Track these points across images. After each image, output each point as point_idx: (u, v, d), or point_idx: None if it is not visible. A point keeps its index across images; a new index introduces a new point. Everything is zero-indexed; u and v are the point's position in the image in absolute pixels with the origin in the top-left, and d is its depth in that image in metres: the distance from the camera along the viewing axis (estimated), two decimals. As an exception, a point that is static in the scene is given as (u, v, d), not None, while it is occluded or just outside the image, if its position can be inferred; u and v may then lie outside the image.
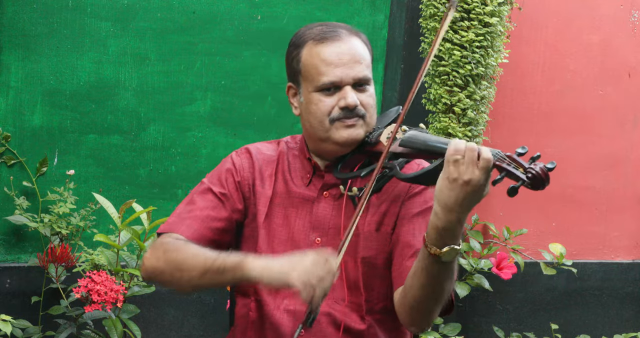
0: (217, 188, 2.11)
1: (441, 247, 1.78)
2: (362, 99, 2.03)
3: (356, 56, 2.02)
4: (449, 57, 3.59)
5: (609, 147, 4.39)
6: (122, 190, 3.61)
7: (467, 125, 3.66)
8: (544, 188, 1.67)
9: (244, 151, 2.17)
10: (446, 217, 1.75)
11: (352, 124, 2.02)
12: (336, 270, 1.80)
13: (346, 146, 2.04)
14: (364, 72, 2.03)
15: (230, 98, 3.73)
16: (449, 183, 1.73)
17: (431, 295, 1.87)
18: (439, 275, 1.83)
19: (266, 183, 2.12)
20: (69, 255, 3.23)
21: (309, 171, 2.12)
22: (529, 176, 1.66)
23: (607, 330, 4.47)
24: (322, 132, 2.04)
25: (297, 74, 2.07)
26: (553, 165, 1.67)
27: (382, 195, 2.06)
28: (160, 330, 3.69)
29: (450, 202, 1.73)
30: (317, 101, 2.03)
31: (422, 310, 1.92)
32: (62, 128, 3.53)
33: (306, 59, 2.04)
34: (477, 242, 4.02)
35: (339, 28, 2.06)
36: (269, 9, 3.75)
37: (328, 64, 2.01)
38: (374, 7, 3.92)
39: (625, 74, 4.38)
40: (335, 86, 2.01)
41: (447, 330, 3.94)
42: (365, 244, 2.05)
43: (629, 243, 4.50)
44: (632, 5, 4.32)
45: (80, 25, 3.51)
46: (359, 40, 2.06)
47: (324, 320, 2.04)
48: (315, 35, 2.04)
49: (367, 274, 2.05)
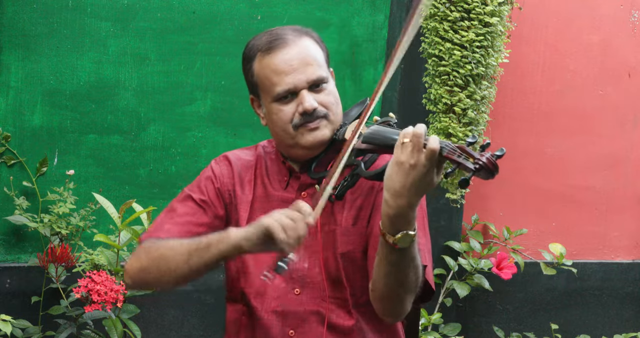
0: (197, 196, 2.12)
1: (394, 233, 1.79)
2: (320, 99, 2.02)
3: (306, 58, 2.01)
4: (449, 57, 3.59)
5: (609, 147, 4.39)
6: (122, 190, 3.61)
7: (467, 125, 3.66)
8: (493, 177, 1.66)
9: (222, 159, 2.19)
10: (396, 202, 1.75)
11: (315, 126, 2.02)
12: (311, 216, 1.79)
13: (314, 149, 2.05)
14: (316, 73, 2.01)
15: (230, 98, 3.73)
16: (397, 167, 1.74)
17: (396, 283, 1.88)
18: (398, 263, 1.84)
19: (246, 189, 2.14)
20: (69, 255, 3.23)
21: (286, 174, 2.13)
22: (477, 167, 1.65)
23: (607, 330, 4.47)
24: (288, 139, 2.05)
25: (255, 87, 2.08)
26: (502, 152, 1.67)
27: (357, 190, 2.08)
28: (160, 330, 3.69)
29: (398, 187, 1.73)
30: (277, 111, 2.03)
31: (392, 298, 1.93)
32: (62, 128, 3.52)
33: (258, 71, 2.05)
34: (477, 242, 4.02)
35: (285, 32, 2.04)
36: (269, 9, 3.75)
37: (279, 73, 2.00)
38: (374, 7, 3.92)
39: (625, 74, 4.38)
40: (292, 93, 2.01)
41: (447, 330, 3.94)
42: (343, 239, 2.06)
43: (629, 243, 4.51)
44: (632, 5, 4.32)
45: (80, 25, 3.51)
46: (308, 40, 2.05)
47: (313, 319, 2.06)
48: (262, 46, 2.04)
49: (347, 269, 2.06)
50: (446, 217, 4.01)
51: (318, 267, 2.07)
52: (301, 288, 2.07)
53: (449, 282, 3.94)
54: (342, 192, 1.98)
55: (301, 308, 2.06)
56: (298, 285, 2.07)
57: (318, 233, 2.06)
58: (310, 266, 2.07)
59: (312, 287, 2.07)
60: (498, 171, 1.66)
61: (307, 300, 2.07)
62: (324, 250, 2.06)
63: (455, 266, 3.91)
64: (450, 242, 4.00)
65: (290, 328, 2.06)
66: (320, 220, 2.05)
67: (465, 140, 3.64)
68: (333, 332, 2.06)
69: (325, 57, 2.08)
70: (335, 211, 2.08)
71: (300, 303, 2.06)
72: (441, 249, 3.99)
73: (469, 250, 4.00)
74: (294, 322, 2.06)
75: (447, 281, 3.95)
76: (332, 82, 2.09)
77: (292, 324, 2.06)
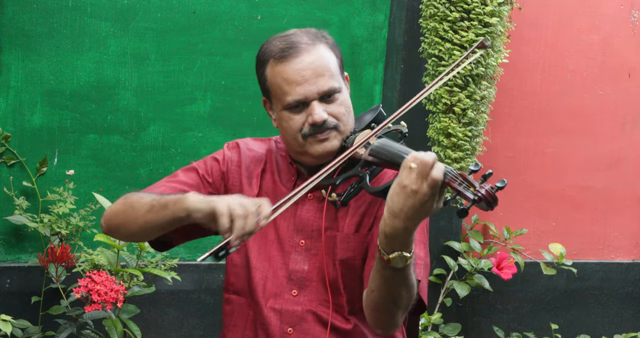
0: (202, 171, 2.14)
1: (389, 252, 1.77)
2: (331, 110, 2.01)
3: (318, 69, 1.99)
4: (449, 57, 3.59)
5: (609, 147, 4.39)
6: (122, 190, 3.60)
7: (467, 125, 3.66)
8: (492, 209, 1.65)
9: (234, 145, 2.20)
10: (392, 222, 1.73)
11: (324, 138, 2.01)
12: (267, 218, 1.77)
13: (323, 158, 2.04)
14: (328, 84, 1.99)
15: (230, 98, 3.73)
16: (399, 188, 1.72)
17: (388, 298, 1.87)
18: (392, 280, 1.83)
19: (253, 181, 2.14)
20: (69, 255, 3.23)
21: (294, 174, 2.13)
22: (476, 199, 1.64)
23: (607, 330, 4.47)
24: (297, 147, 2.05)
25: (267, 91, 2.08)
26: (503, 184, 1.65)
27: (362, 197, 2.07)
28: (160, 330, 3.69)
29: (396, 208, 1.72)
30: (287, 119, 2.02)
31: (382, 311, 1.92)
32: (62, 128, 3.52)
33: (270, 78, 2.04)
34: (477, 242, 4.02)
35: (299, 39, 2.02)
36: (269, 9, 3.75)
37: (290, 83, 1.99)
38: (374, 7, 3.92)
39: (625, 74, 4.38)
40: (302, 103, 2.00)
41: (447, 330, 3.94)
42: (343, 246, 2.06)
43: (629, 243, 4.50)
44: (632, 5, 4.32)
45: (80, 25, 3.51)
46: (322, 47, 2.02)
47: (311, 319, 2.06)
48: (275, 54, 2.02)
49: (346, 276, 2.06)
50: (446, 217, 4.01)
51: (318, 270, 2.06)
52: (299, 290, 2.07)
53: (449, 282, 3.95)
54: (347, 199, 1.97)
55: (298, 307, 2.06)
56: (296, 286, 2.07)
57: (322, 236, 2.06)
58: (309, 269, 2.06)
59: (310, 290, 2.06)
60: (497, 204, 1.65)
61: (304, 301, 2.06)
62: (324, 255, 2.05)
63: (455, 266, 3.91)
64: (450, 242, 4.00)
65: (288, 326, 2.06)
66: (324, 224, 2.05)
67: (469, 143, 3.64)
68: (334, 333, 2.06)
69: (339, 63, 2.05)
70: (338, 216, 2.07)
71: (297, 303, 2.06)
72: (441, 249, 3.99)
73: (469, 250, 4.00)
74: (292, 321, 2.06)
75: (447, 281, 3.95)
76: (346, 89, 2.07)
77: (291, 322, 2.06)
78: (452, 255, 3.98)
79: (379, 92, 3.95)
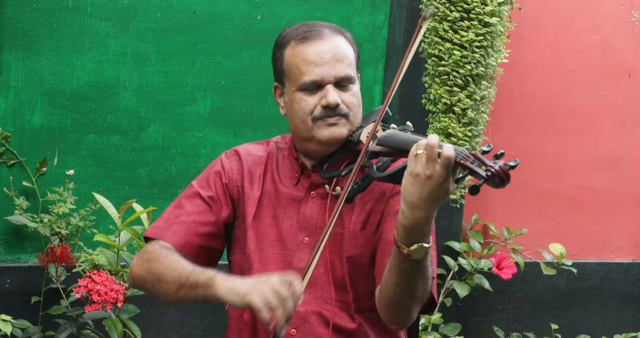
0: (205, 192, 2.12)
1: (409, 245, 1.78)
2: (344, 98, 2.03)
3: (338, 55, 2.03)
4: (449, 57, 3.59)
5: (609, 147, 4.39)
6: (122, 190, 3.61)
7: (467, 125, 3.66)
8: (504, 186, 1.64)
9: (233, 153, 2.18)
10: (412, 214, 1.75)
11: (334, 122, 2.02)
12: (300, 294, 1.76)
13: (329, 145, 2.05)
14: (345, 71, 2.03)
15: (230, 98, 3.74)
16: (412, 178, 1.73)
17: (405, 293, 1.88)
18: (411, 273, 1.83)
19: (255, 185, 2.13)
20: (69, 255, 3.23)
21: (297, 171, 2.13)
22: (489, 174, 1.63)
23: (607, 330, 4.47)
24: (305, 131, 2.05)
25: (281, 74, 2.09)
26: (515, 163, 1.65)
27: (368, 194, 2.07)
28: (160, 330, 3.69)
29: (415, 199, 1.73)
30: (300, 100, 2.04)
31: (399, 307, 1.92)
32: (62, 128, 3.52)
33: (289, 59, 2.05)
34: (477, 242, 4.02)
35: (322, 27, 2.07)
36: (269, 9, 3.75)
37: (309, 63, 2.02)
38: (374, 7, 3.92)
39: (625, 74, 4.38)
40: (317, 85, 2.02)
41: (447, 330, 3.94)
42: (350, 243, 2.06)
43: (629, 243, 4.51)
44: (632, 5, 4.32)
45: (80, 25, 3.51)
46: (342, 39, 2.07)
47: (314, 319, 2.05)
48: (297, 35, 2.05)
49: (353, 273, 2.06)
50: (446, 217, 4.01)
51: (323, 268, 2.06)
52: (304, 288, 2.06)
53: (449, 282, 3.94)
54: (353, 195, 1.97)
55: (302, 307, 2.05)
56: None
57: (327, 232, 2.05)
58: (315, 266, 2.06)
59: (315, 288, 2.06)
60: (509, 181, 1.64)
61: (309, 300, 2.06)
62: (330, 252, 2.05)
63: (455, 266, 3.91)
64: (450, 242, 4.00)
65: (291, 327, 2.05)
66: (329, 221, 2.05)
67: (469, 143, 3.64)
68: (337, 333, 2.05)
69: (356, 58, 2.09)
70: (343, 214, 2.07)
71: (302, 303, 2.06)
72: (441, 249, 3.99)
73: (469, 250, 4.00)
74: (295, 321, 2.05)
75: (447, 281, 3.95)
76: (358, 84, 2.09)
77: (294, 323, 2.05)
78: (452, 255, 3.98)
79: (379, 92, 3.96)
